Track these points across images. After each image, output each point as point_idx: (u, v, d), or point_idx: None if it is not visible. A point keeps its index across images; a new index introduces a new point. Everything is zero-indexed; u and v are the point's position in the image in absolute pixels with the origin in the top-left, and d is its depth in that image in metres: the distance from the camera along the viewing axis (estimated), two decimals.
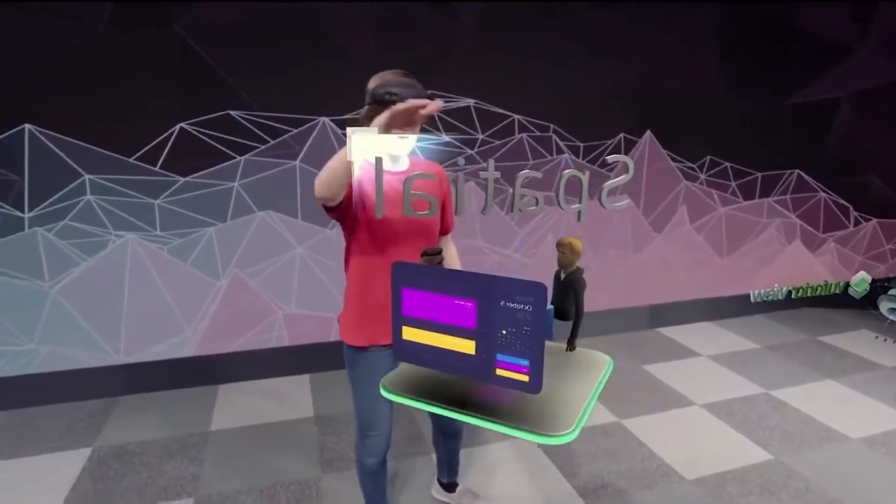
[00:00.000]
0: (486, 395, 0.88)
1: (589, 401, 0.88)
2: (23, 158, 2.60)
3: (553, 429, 0.79)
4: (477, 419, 0.82)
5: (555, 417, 0.82)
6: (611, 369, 1.04)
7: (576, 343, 1.06)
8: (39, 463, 2.37)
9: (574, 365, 1.02)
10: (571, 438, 0.79)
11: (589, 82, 3.35)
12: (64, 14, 2.52)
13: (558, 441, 0.78)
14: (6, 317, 2.72)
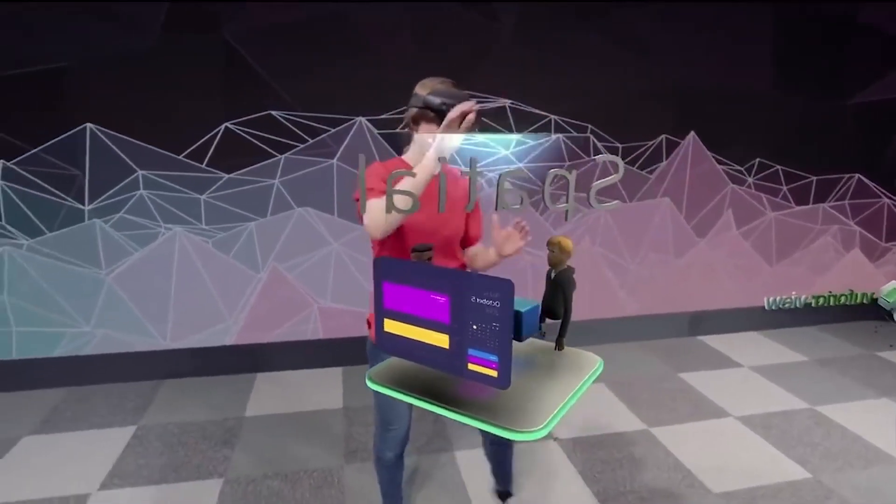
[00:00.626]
0: (466, 390, 0.89)
1: (567, 400, 0.88)
2: (84, 155, 2.81)
3: (522, 425, 0.79)
4: (449, 411, 0.83)
5: (527, 414, 0.82)
6: (599, 370, 1.03)
7: (564, 342, 1.05)
8: (90, 437, 2.55)
9: (562, 364, 1.02)
10: (539, 436, 0.79)
11: (629, 82, 3.28)
12: (122, 20, 2.70)
13: (525, 437, 0.78)
14: (67, 301, 2.94)
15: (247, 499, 2.13)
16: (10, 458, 2.39)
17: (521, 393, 0.90)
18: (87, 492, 2.16)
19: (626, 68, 3.26)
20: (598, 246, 3.48)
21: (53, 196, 2.82)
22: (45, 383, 2.97)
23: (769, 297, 3.83)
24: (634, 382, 3.09)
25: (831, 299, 3.95)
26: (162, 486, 2.20)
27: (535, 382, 0.93)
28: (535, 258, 3.39)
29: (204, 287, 3.07)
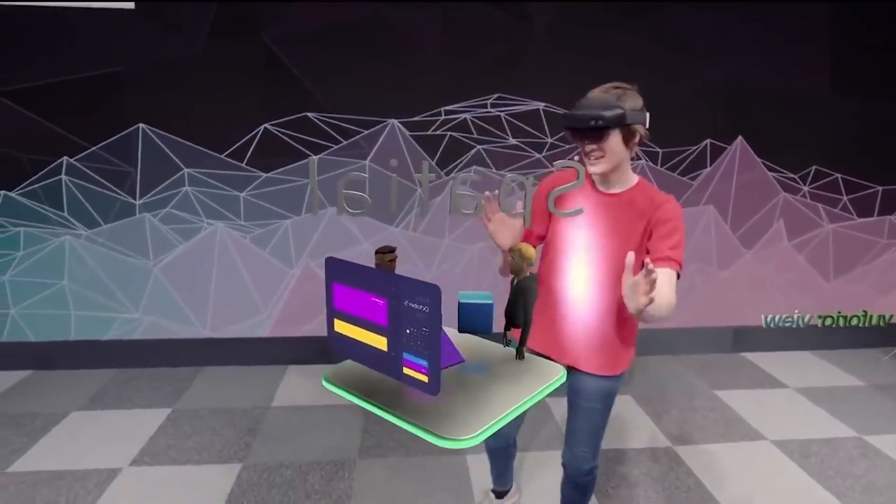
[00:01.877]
0: (415, 393, 0.90)
1: (511, 411, 0.87)
2: (136, 153, 3.01)
3: (453, 432, 0.79)
4: (386, 413, 0.84)
5: (462, 422, 0.82)
6: (560, 382, 1.00)
7: (524, 351, 1.03)
8: (130, 416, 2.73)
9: (520, 373, 1.00)
10: (468, 445, 0.79)
11: (672, 84, 3.15)
12: (173, 27, 2.88)
13: (451, 445, 0.78)
14: (119, 288, 3.16)
15: (260, 485, 2.22)
16: (58, 430, 2.60)
17: (466, 399, 0.89)
18: (119, 467, 2.31)
19: (669, 70, 3.13)
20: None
21: (109, 190, 3.04)
22: (97, 364, 3.20)
23: (766, 315, 3.56)
24: (664, 397, 2.97)
25: (840, 320, 3.58)
26: (185, 467, 2.33)
27: (486, 390, 0.92)
28: None
29: (241, 280, 3.21)
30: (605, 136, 1.33)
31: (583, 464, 1.62)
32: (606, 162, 1.38)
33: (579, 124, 1.33)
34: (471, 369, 0.99)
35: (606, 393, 1.56)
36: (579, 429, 1.61)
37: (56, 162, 2.98)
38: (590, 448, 1.61)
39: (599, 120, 1.30)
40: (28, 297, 3.13)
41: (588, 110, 1.32)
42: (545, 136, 3.17)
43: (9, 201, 3.01)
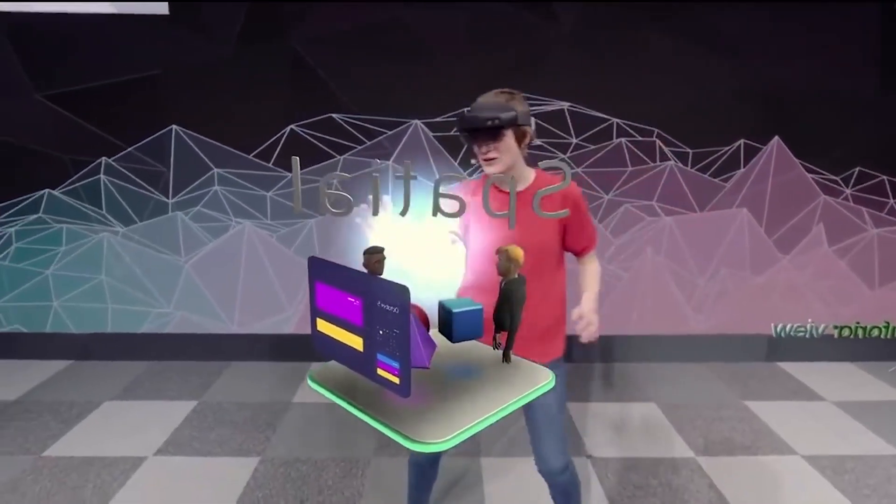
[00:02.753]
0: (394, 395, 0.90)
1: (487, 417, 0.85)
2: (170, 154, 3.12)
3: (424, 435, 0.78)
4: (360, 412, 0.84)
5: (437, 425, 0.81)
6: (548, 387, 0.97)
7: (511, 355, 1.01)
8: (158, 407, 2.84)
9: (506, 377, 0.98)
10: (437, 449, 0.78)
11: (703, 83, 3.05)
12: (206, 32, 2.97)
13: (421, 448, 0.77)
14: (152, 284, 3.29)
15: (276, 479, 2.26)
16: (91, 418, 2.72)
17: (446, 402, 0.88)
18: (144, 455, 2.40)
19: (700, 69, 3.03)
20: (662, 256, 3.26)
21: (144, 189, 3.17)
22: (132, 355, 3.34)
23: (776, 324, 3.37)
24: (690, 405, 2.87)
25: (858, 331, 3.35)
26: (206, 458, 2.40)
27: (468, 393, 0.91)
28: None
29: (267, 278, 3.29)
30: (500, 137, 1.40)
31: (553, 462, 1.59)
32: (501, 162, 1.43)
33: (477, 124, 1.38)
34: (456, 372, 0.98)
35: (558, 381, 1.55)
36: (540, 426, 1.59)
37: (95, 162, 3.13)
38: (555, 443, 1.58)
39: (496, 120, 1.37)
40: (69, 291, 3.29)
41: (484, 112, 1.39)
42: (570, 137, 3.12)
43: (52, 199, 3.17)
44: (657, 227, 3.24)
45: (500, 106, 1.40)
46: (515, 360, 1.03)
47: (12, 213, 3.19)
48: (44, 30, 2.95)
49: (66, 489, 2.17)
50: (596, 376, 3.20)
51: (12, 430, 2.60)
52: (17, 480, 2.23)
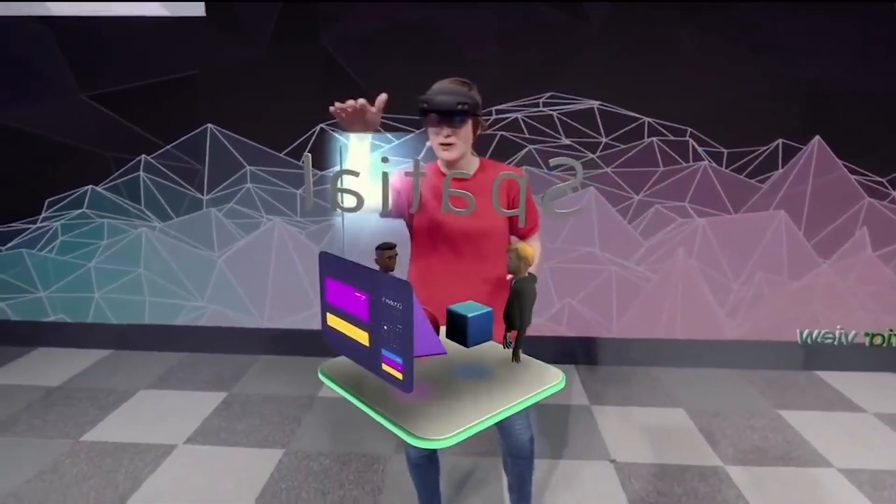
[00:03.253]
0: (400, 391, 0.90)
1: (492, 416, 0.85)
2: (205, 152, 3.22)
3: (426, 431, 0.78)
4: (366, 406, 0.85)
5: (441, 422, 0.81)
6: (558, 387, 0.96)
7: (520, 354, 1.01)
8: (190, 397, 2.92)
9: (515, 377, 0.97)
10: (439, 446, 0.78)
11: (740, 80, 2.96)
12: (241, 33, 3.05)
13: (423, 444, 0.77)
14: (187, 278, 3.39)
15: (299, 471, 2.30)
16: (126, 406, 2.83)
17: (452, 400, 0.88)
18: (175, 443, 2.48)
19: (735, 66, 2.94)
20: (693, 259, 3.18)
21: (180, 186, 3.27)
22: (167, 346, 3.45)
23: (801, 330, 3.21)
24: (720, 412, 2.79)
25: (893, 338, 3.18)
26: (233, 448, 2.46)
27: (475, 392, 0.91)
28: (621, 269, 3.21)
29: (296, 274, 3.35)
30: (462, 123, 1.45)
31: (523, 434, 1.66)
32: (458, 149, 1.48)
33: (449, 107, 1.41)
34: (465, 371, 0.98)
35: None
36: None
37: (135, 159, 3.25)
38: (524, 418, 1.66)
39: (466, 105, 1.41)
40: (110, 283, 3.43)
41: (453, 96, 1.42)
42: (600, 136, 3.07)
43: (95, 195, 3.31)
44: (689, 228, 3.16)
45: (465, 93, 1.45)
46: (525, 360, 1.03)
47: (58, 208, 3.34)
48: (89, 32, 3.08)
49: (101, 473, 2.27)
50: (622, 380, 3.14)
51: (54, 415, 2.72)
52: (57, 463, 2.33)
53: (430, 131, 1.51)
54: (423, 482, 1.87)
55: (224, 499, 2.14)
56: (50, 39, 3.10)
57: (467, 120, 1.46)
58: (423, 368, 1.00)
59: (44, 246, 3.40)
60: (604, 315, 3.28)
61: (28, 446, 2.46)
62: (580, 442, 2.54)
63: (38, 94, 3.19)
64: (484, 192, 1.40)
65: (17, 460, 2.35)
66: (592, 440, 2.55)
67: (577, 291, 3.25)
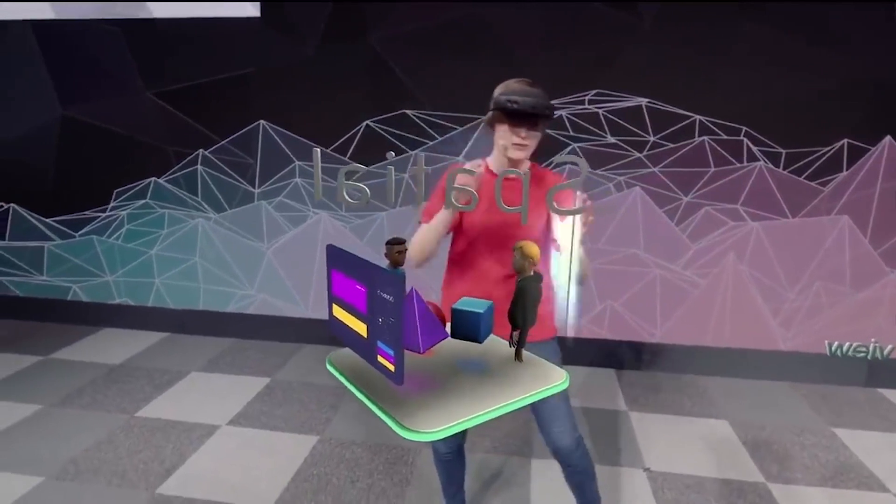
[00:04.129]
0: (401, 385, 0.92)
1: (485, 413, 0.85)
2: (257, 147, 3.36)
3: (418, 424, 0.79)
4: (363, 395, 0.87)
5: (432, 416, 0.82)
6: (561, 387, 0.95)
7: (522, 353, 1.00)
8: (236, 381, 3.07)
9: (517, 375, 0.97)
10: (427, 439, 0.79)
11: (801, 77, 2.79)
12: (293, 33, 3.16)
13: (411, 437, 0.78)
14: (238, 267, 3.56)
15: (332, 458, 2.37)
16: (178, 386, 3.00)
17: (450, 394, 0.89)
18: (218, 424, 2.62)
19: (795, 62, 2.77)
20: (745, 264, 3.03)
21: (234, 180, 3.43)
22: (218, 332, 3.63)
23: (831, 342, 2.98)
24: (767, 427, 2.65)
25: None
26: (271, 433, 2.57)
27: (473, 388, 0.91)
28: (667, 273, 3.11)
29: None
30: (541, 126, 1.46)
31: (564, 439, 1.59)
32: (529, 150, 1.50)
33: (539, 111, 1.41)
34: (468, 366, 0.99)
35: (556, 359, 1.61)
36: (546, 409, 1.60)
37: (194, 154, 3.43)
38: (563, 421, 1.59)
39: (554, 110, 1.46)
40: (169, 270, 3.64)
41: (539, 99, 1.42)
42: (647, 135, 2.97)
43: (157, 187, 3.52)
44: (742, 232, 3.01)
45: (546, 96, 1.44)
46: (529, 359, 1.02)
47: (125, 198, 3.58)
48: (154, 33, 3.27)
49: (150, 447, 2.42)
50: (664, 387, 3.04)
51: (114, 391, 2.93)
52: (113, 435, 2.51)
53: (507, 129, 1.48)
54: (448, 476, 1.89)
55: (259, 479, 2.23)
56: (120, 40, 3.31)
57: (545, 123, 1.48)
58: (427, 361, 1.01)
59: (112, 233, 3.65)
60: (647, 319, 3.18)
61: (89, 418, 2.66)
62: (615, 448, 2.48)
63: (109, 91, 3.42)
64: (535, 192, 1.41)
65: (79, 430, 2.55)
66: (628, 447, 2.49)
67: (619, 294, 3.17)
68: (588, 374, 3.17)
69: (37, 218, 3.70)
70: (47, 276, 3.80)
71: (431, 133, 3.18)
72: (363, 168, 1.09)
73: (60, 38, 3.39)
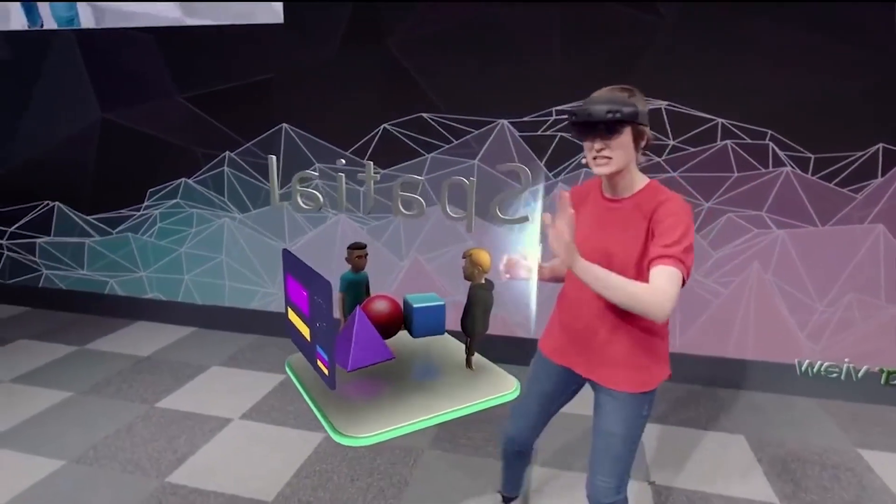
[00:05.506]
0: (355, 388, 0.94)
1: (421, 421, 0.86)
2: (279, 148, 3.45)
3: (350, 430, 0.81)
4: (309, 398, 0.90)
5: (368, 422, 0.83)
6: (510, 397, 0.94)
7: (473, 361, 1.00)
8: (253, 377, 3.16)
9: (467, 384, 0.97)
10: (356, 444, 0.80)
11: (831, 77, 2.65)
12: (313, 37, 3.23)
13: (343, 441, 0.80)
14: (261, 266, 3.66)
15: (334, 456, 2.41)
16: (198, 380, 3.11)
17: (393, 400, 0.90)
18: (231, 417, 2.70)
19: (825, 62, 2.63)
20: (770, 274, 2.90)
21: (257, 181, 3.53)
22: (241, 328, 3.75)
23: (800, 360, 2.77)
24: (787, 445, 2.53)
25: None
26: (280, 428, 2.63)
27: (418, 394, 0.91)
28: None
29: None
30: (616, 134, 1.27)
31: (602, 496, 1.47)
32: (614, 163, 1.31)
33: (595, 117, 1.26)
34: (419, 373, 1.00)
35: (627, 415, 1.42)
36: (598, 454, 1.48)
37: (221, 155, 3.55)
38: (610, 478, 1.46)
39: (617, 112, 1.24)
40: (197, 267, 3.78)
41: (603, 104, 1.26)
42: (667, 139, 2.89)
43: (187, 187, 3.66)
44: (767, 240, 2.88)
45: (621, 100, 1.27)
46: (483, 366, 1.02)
47: (158, 198, 3.74)
48: (186, 40, 3.41)
49: (165, 437, 2.53)
50: (680, 398, 2.95)
51: (139, 382, 3.06)
52: (132, 424, 2.63)
53: (585, 146, 1.35)
54: (510, 468, 1.87)
55: (264, 472, 2.29)
56: (153, 47, 3.47)
57: (622, 130, 1.28)
58: (382, 367, 1.02)
59: (145, 231, 3.83)
60: None
61: (113, 406, 2.79)
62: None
63: (144, 96, 3.59)
64: (635, 216, 1.34)
65: (102, 417, 2.68)
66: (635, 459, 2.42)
67: None
68: None
69: (78, 215, 3.92)
70: (87, 271, 4.01)
71: (447, 136, 3.19)
72: (315, 175, 1.12)
73: (100, 46, 3.58)
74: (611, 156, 1.29)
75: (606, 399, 1.44)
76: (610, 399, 1.43)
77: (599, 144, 1.29)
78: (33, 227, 4.04)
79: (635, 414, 1.44)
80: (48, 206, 3.96)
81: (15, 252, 4.13)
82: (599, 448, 1.47)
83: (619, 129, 1.27)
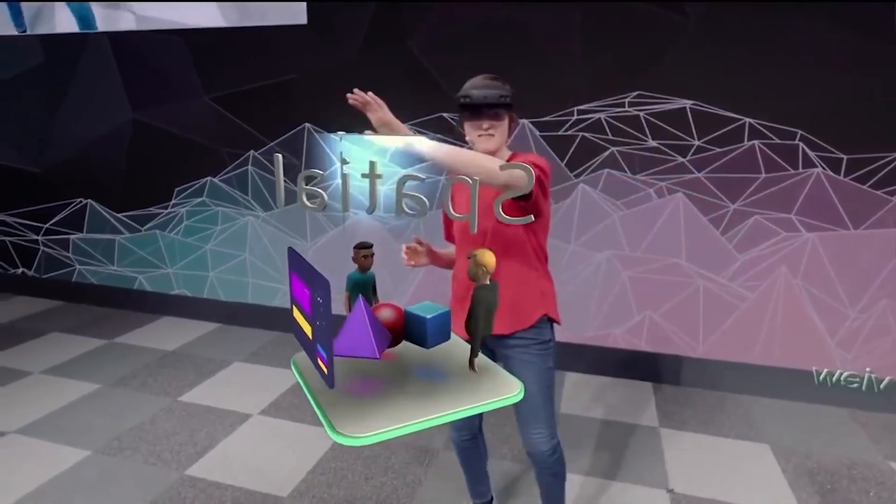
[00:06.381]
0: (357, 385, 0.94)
1: (421, 422, 0.85)
2: (302, 149, 3.49)
3: (349, 429, 0.80)
4: (310, 395, 0.90)
5: (368, 421, 0.82)
6: (515, 399, 0.92)
7: (476, 363, 0.99)
8: (274, 373, 3.20)
9: (469, 385, 0.96)
10: (356, 444, 0.80)
11: (864, 75, 2.55)
12: (335, 38, 3.26)
13: (341, 440, 0.79)
14: (283, 264, 3.71)
15: (351, 453, 2.43)
16: (220, 375, 3.17)
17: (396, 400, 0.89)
18: (251, 413, 2.75)
19: (856, 59, 2.54)
20: (799, 279, 2.81)
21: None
22: (264, 325, 3.81)
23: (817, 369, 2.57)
24: (815, 456, 2.45)
25: None
26: (297, 424, 2.66)
27: (420, 395, 0.90)
28: (710, 284, 2.94)
29: (376, 268, 3.50)
30: (501, 116, 1.52)
31: (540, 445, 1.58)
32: (496, 140, 1.55)
33: (492, 100, 1.48)
34: (422, 373, 0.99)
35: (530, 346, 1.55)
36: (521, 411, 1.58)
37: (245, 155, 3.62)
38: (541, 425, 1.57)
39: (507, 97, 1.50)
40: (221, 264, 3.86)
41: (493, 90, 1.49)
42: (691, 139, 2.83)
43: (213, 186, 3.74)
44: (796, 244, 2.80)
45: (505, 88, 1.52)
46: (486, 367, 1.01)
47: (184, 196, 3.83)
48: (213, 41, 3.48)
49: (186, 430, 2.58)
50: (702, 404, 2.88)
51: (164, 376, 3.14)
52: (155, 416, 2.70)
53: (470, 125, 1.57)
54: (467, 464, 1.91)
55: (279, 468, 2.32)
56: (182, 49, 3.55)
57: (503, 113, 1.52)
58: (383, 366, 1.02)
59: (172, 228, 3.92)
60: (689, 332, 3.02)
61: (138, 399, 2.87)
62: (639, 465, 2.38)
63: (172, 96, 3.68)
64: None
65: (127, 409, 2.76)
66: (653, 465, 2.38)
67: (659, 304, 3.03)
68: (623, 387, 3.05)
69: (109, 213, 4.04)
70: (117, 267, 4.13)
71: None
72: (321, 173, 1.12)
73: (132, 48, 3.68)
74: (494, 133, 1.53)
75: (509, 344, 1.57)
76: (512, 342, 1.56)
77: (487, 124, 1.52)
78: (67, 224, 4.17)
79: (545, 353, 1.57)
80: (81, 203, 4.10)
81: (50, 248, 4.28)
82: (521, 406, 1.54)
83: (504, 112, 1.52)
